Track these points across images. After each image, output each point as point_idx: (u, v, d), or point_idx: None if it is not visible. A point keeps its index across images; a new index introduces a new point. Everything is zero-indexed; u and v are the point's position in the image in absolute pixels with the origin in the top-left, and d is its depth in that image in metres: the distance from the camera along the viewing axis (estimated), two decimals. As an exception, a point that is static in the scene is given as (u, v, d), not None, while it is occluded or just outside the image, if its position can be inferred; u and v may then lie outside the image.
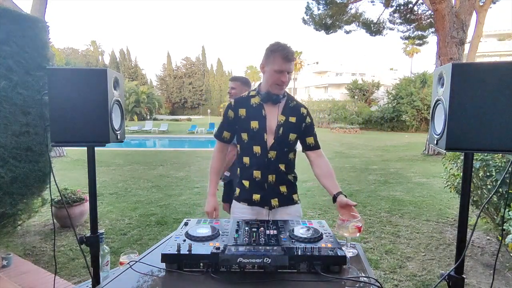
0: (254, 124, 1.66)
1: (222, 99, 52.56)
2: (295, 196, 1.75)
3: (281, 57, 1.57)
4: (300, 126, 1.71)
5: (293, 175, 1.76)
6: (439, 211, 4.58)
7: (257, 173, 1.68)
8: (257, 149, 1.67)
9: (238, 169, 1.80)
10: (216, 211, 1.75)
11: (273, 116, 1.67)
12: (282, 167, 1.69)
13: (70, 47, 54.60)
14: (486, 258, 3.06)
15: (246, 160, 1.71)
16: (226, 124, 1.74)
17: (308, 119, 1.73)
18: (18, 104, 2.67)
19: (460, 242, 1.16)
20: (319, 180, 1.69)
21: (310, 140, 1.73)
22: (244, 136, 1.69)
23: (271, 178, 1.68)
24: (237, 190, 1.78)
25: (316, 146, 1.74)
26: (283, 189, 1.71)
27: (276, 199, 1.70)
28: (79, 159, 9.21)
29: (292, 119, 1.69)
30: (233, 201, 1.80)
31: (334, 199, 1.53)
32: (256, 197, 1.69)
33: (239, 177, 1.78)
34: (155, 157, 10.15)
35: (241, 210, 1.74)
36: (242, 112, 1.69)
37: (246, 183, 1.72)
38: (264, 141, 1.66)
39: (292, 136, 1.68)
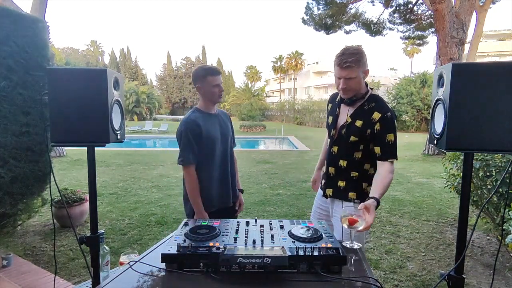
0: (330, 119, 1.84)
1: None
2: (351, 195, 1.71)
3: (336, 64, 1.61)
4: (364, 131, 1.64)
5: (357, 173, 1.71)
6: (439, 211, 4.57)
7: (325, 163, 1.85)
8: (328, 141, 1.86)
9: None
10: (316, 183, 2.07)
11: (343, 116, 1.74)
12: (343, 163, 1.73)
13: (70, 47, 54.64)
14: (486, 258, 3.06)
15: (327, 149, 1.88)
16: (327, 114, 1.92)
17: (377, 126, 1.62)
18: (18, 104, 2.67)
19: (460, 242, 1.16)
20: None
21: (376, 150, 1.63)
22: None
23: (331, 170, 1.79)
24: None
25: (381, 157, 1.61)
26: (341, 183, 1.75)
27: (331, 190, 1.79)
28: (79, 159, 9.21)
29: (358, 123, 1.66)
30: None
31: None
32: (322, 182, 1.90)
33: None
34: (155, 157, 10.12)
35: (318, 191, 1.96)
36: (329, 106, 1.89)
37: (323, 168, 1.91)
38: (331, 136, 1.80)
39: (353, 139, 1.66)
